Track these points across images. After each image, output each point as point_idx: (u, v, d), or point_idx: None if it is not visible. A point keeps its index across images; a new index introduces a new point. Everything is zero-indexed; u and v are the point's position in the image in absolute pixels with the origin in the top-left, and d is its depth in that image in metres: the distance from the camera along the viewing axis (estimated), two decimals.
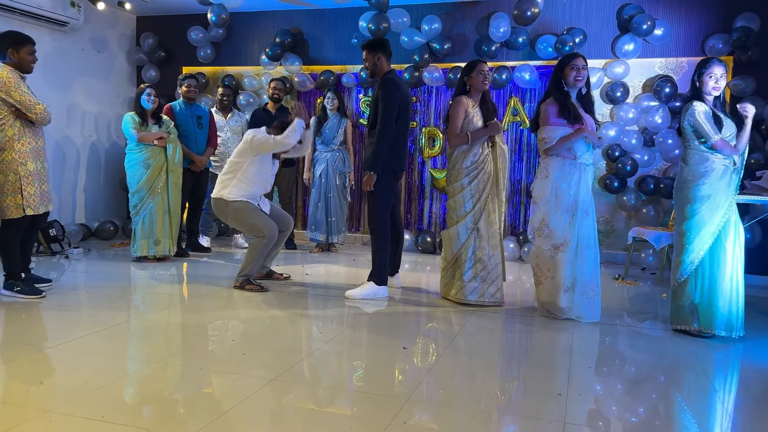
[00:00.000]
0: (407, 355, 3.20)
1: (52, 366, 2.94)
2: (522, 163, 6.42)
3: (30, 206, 3.97)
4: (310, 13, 6.92)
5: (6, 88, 3.83)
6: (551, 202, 3.85)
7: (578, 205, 3.83)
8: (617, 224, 6.19)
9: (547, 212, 3.87)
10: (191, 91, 5.96)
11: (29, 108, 3.87)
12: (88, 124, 7.01)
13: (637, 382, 2.95)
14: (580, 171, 3.85)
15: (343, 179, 6.19)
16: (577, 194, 3.83)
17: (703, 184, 3.58)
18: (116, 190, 7.34)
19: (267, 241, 4.46)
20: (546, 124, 3.87)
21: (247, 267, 4.49)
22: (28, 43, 4.01)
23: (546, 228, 3.87)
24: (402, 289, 4.69)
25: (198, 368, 2.92)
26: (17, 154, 3.90)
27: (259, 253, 4.48)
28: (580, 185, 3.84)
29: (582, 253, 3.85)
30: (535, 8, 5.77)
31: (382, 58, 4.36)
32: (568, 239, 3.83)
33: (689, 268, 3.64)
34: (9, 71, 3.89)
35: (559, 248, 3.84)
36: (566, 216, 3.84)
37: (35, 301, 3.97)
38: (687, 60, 5.89)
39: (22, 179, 3.92)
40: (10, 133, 3.89)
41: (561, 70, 3.88)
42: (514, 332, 3.73)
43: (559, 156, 3.85)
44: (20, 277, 4.06)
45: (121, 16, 7.29)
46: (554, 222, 3.84)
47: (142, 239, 5.42)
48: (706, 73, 3.60)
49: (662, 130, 5.77)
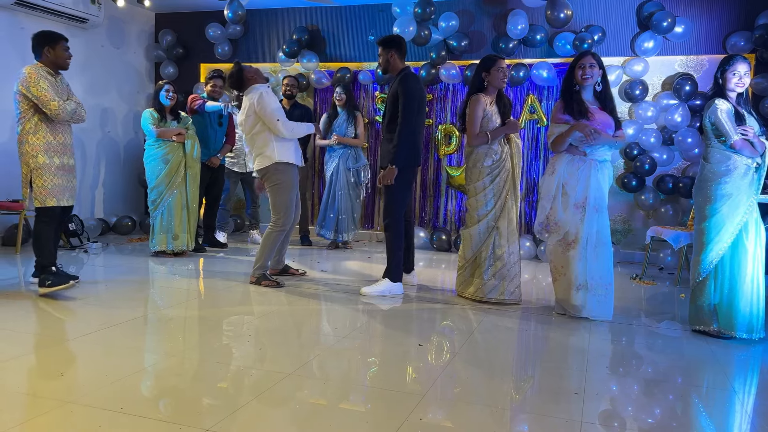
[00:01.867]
0: (422, 352, 3.20)
1: (72, 359, 2.98)
2: (539, 161, 6.38)
3: (38, 198, 4.04)
4: (327, 10, 6.93)
5: (27, 84, 3.92)
6: (558, 198, 3.84)
7: (588, 201, 3.80)
8: (635, 223, 6.13)
9: (552, 208, 3.86)
10: (215, 91, 6.00)
11: (44, 104, 3.94)
12: (106, 120, 7.09)
13: (655, 382, 2.92)
14: (590, 167, 3.80)
15: (356, 176, 6.15)
16: (587, 190, 3.79)
17: (724, 183, 3.54)
18: (134, 186, 7.41)
19: (280, 230, 4.48)
20: (552, 120, 3.90)
21: (261, 259, 4.51)
22: (62, 39, 4.11)
23: (551, 224, 3.87)
24: (417, 287, 4.69)
25: (215, 362, 2.94)
26: (30, 147, 4.00)
27: (272, 244, 4.49)
28: (590, 181, 3.79)
29: (593, 251, 3.82)
30: (568, 10, 5.71)
31: (395, 55, 4.35)
32: (579, 236, 3.80)
33: (708, 267, 3.59)
34: (34, 68, 3.97)
35: (570, 245, 3.82)
36: (576, 212, 3.81)
37: (57, 292, 4.00)
38: (708, 58, 5.81)
39: (32, 171, 4.01)
40: (27, 127, 3.99)
41: (572, 69, 3.88)
42: (530, 330, 3.72)
43: (568, 153, 3.82)
44: (51, 270, 4.05)
45: (140, 12, 7.35)
46: (561, 217, 3.83)
47: (160, 234, 5.47)
48: (730, 70, 3.55)
49: (682, 128, 5.71)
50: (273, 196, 4.51)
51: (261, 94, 4.39)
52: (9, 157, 5.86)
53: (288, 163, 4.45)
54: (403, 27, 6.04)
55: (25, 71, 3.95)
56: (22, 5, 5.75)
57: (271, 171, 4.43)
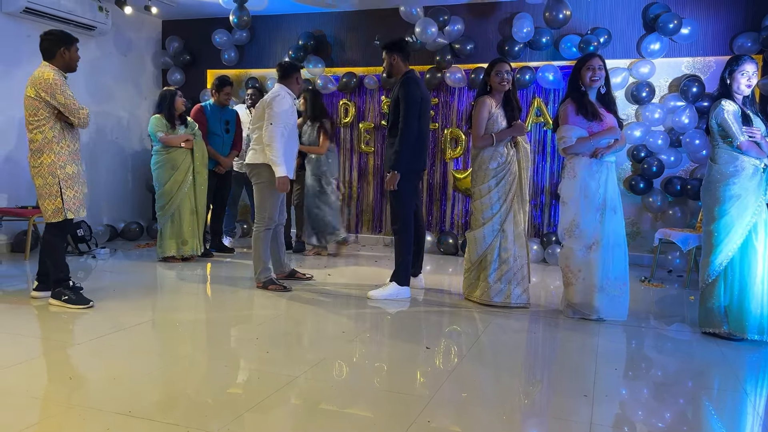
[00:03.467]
0: (430, 356, 3.18)
1: (81, 362, 2.99)
2: (546, 164, 6.36)
3: (70, 209, 3.86)
4: (332, 16, 6.96)
5: (52, 91, 3.72)
6: (581, 202, 3.82)
7: (606, 203, 3.81)
8: (643, 226, 6.10)
9: (577, 212, 3.84)
10: (227, 100, 6.03)
11: (73, 111, 3.78)
12: (114, 126, 7.12)
13: (665, 385, 2.90)
14: (607, 169, 3.84)
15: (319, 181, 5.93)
16: (605, 192, 3.81)
17: (732, 184, 3.52)
18: (141, 192, 7.44)
19: (265, 229, 4.50)
20: (564, 123, 3.87)
21: (260, 263, 4.52)
22: (76, 41, 3.94)
23: (576, 228, 3.84)
24: (425, 290, 4.67)
25: (222, 366, 2.94)
26: (56, 156, 3.80)
27: (263, 245, 4.50)
28: (608, 183, 3.83)
29: (611, 251, 3.82)
30: (567, 11, 5.70)
31: (398, 58, 4.35)
32: (600, 238, 3.80)
33: (718, 269, 3.57)
34: (55, 73, 3.78)
35: (591, 248, 3.81)
36: (596, 215, 3.81)
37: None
38: (715, 59, 5.79)
39: (61, 182, 3.81)
40: (50, 135, 3.77)
41: (578, 70, 3.89)
42: (539, 333, 3.70)
43: (584, 155, 3.82)
44: (68, 285, 3.90)
45: (148, 20, 7.40)
46: (585, 222, 3.81)
47: (169, 239, 5.48)
48: (738, 71, 3.54)
49: (689, 130, 5.68)
50: (259, 194, 4.52)
51: (281, 96, 4.44)
52: (15, 164, 5.90)
53: None
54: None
55: (47, 77, 3.72)
56: (30, 13, 5.79)
57: (261, 168, 4.45)
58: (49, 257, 3.92)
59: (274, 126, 4.36)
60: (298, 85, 4.61)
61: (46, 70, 3.77)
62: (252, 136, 4.60)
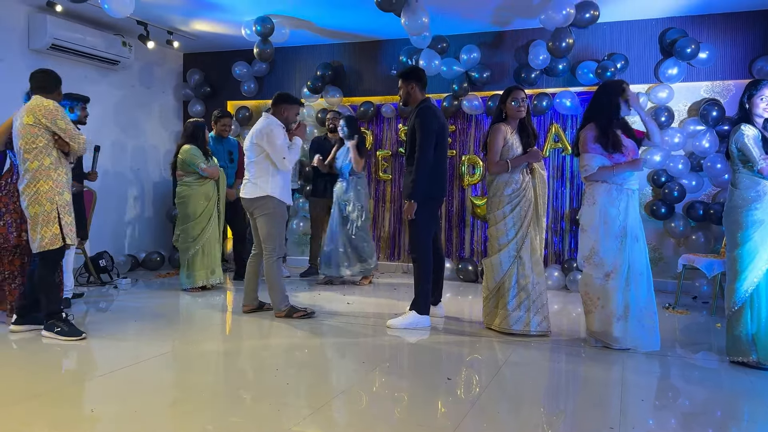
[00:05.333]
0: (451, 387, 3.14)
1: (102, 394, 3.00)
2: (566, 189, 6.33)
3: (68, 236, 3.91)
4: (350, 46, 7.06)
5: (52, 117, 3.83)
6: (600, 229, 3.77)
7: (627, 230, 3.76)
8: (665, 251, 6.01)
9: (596, 239, 3.79)
10: (225, 130, 6.21)
11: (73, 137, 3.90)
12: (136, 158, 7.25)
13: (693, 415, 2.82)
14: (627, 196, 3.79)
15: (344, 209, 5.93)
16: (626, 220, 3.76)
17: (755, 209, 3.46)
18: (163, 222, 7.53)
19: (276, 259, 4.54)
20: (585, 151, 3.83)
21: (278, 293, 4.55)
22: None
23: (596, 256, 3.79)
24: (444, 319, 4.63)
25: (242, 397, 2.93)
26: (54, 183, 3.88)
27: (276, 275, 4.54)
28: (629, 211, 3.77)
29: (634, 280, 3.75)
30: (570, 39, 5.68)
31: (415, 87, 4.39)
32: (618, 266, 3.75)
33: (744, 296, 3.49)
34: (53, 101, 3.92)
35: (610, 275, 3.75)
36: (615, 242, 3.76)
37: (85, 329, 4.03)
38: (734, 83, 5.76)
39: (59, 209, 3.88)
40: (47, 162, 3.85)
41: (612, 96, 3.82)
42: (561, 363, 3.64)
43: (605, 182, 3.79)
44: (61, 317, 3.91)
45: (169, 53, 7.57)
46: (604, 249, 3.76)
47: (200, 269, 5.54)
48: (758, 95, 3.51)
49: (710, 154, 5.63)
50: (265, 226, 4.54)
51: (272, 129, 4.47)
52: None
53: (278, 199, 4.51)
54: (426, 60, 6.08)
55: (47, 104, 3.84)
56: (57, 49, 5.96)
57: (263, 201, 4.51)
58: (44, 291, 3.93)
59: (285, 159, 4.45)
60: (283, 116, 4.57)
61: (44, 100, 3.90)
62: (249, 170, 4.60)
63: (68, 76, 6.20)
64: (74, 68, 6.33)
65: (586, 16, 5.45)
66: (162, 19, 6.35)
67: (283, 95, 4.67)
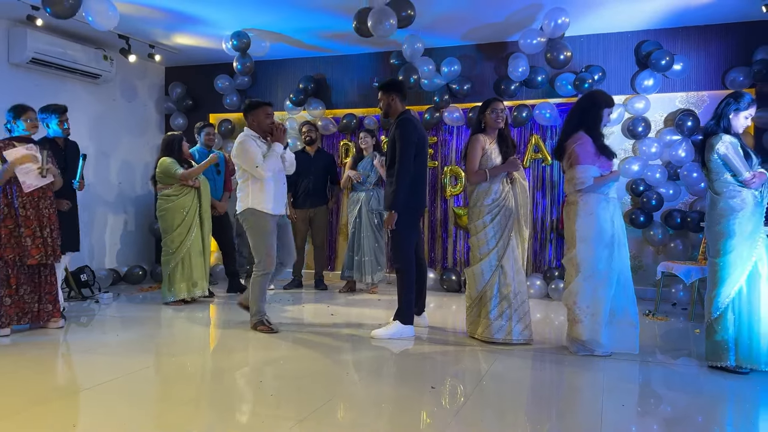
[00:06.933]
0: (435, 396, 3.16)
1: (85, 409, 2.97)
2: (546, 199, 6.41)
3: None
4: (332, 59, 7.11)
5: None
6: (594, 239, 3.81)
7: (615, 239, 3.83)
8: (645, 259, 6.11)
9: (590, 249, 3.81)
10: (210, 140, 6.25)
11: None
12: (117, 171, 7.21)
13: (674, 419, 2.87)
14: (614, 206, 3.88)
15: (379, 218, 6.14)
16: (613, 228, 3.84)
17: (737, 218, 3.52)
18: (145, 235, 7.48)
19: (263, 273, 4.47)
20: (578, 163, 3.82)
21: (255, 305, 4.54)
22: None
23: (591, 267, 3.81)
24: (428, 328, 4.66)
25: (227, 409, 2.92)
26: None
27: (260, 289, 4.51)
28: (615, 219, 3.86)
29: (621, 286, 3.84)
30: (568, 52, 5.77)
31: (396, 98, 4.44)
32: (609, 274, 3.81)
33: (724, 302, 3.55)
34: None
35: (601, 284, 3.81)
36: (606, 251, 3.82)
37: (67, 344, 4.00)
38: (708, 94, 5.89)
39: None
40: None
41: (599, 109, 3.87)
42: (544, 371, 3.67)
43: (595, 193, 3.84)
44: None
45: (151, 67, 7.56)
46: (596, 258, 3.81)
47: (180, 282, 5.50)
48: (745, 111, 3.59)
49: (687, 163, 5.74)
50: (251, 240, 4.54)
51: (242, 142, 4.45)
52: None
53: (259, 211, 4.44)
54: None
55: None
56: (38, 63, 5.93)
57: (245, 215, 4.49)
58: None
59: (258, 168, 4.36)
60: (254, 124, 4.50)
61: None
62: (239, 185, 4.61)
63: (49, 90, 6.20)
64: (55, 82, 6.30)
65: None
66: (144, 33, 6.35)
67: (244, 106, 4.62)
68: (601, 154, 3.84)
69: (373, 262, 6.16)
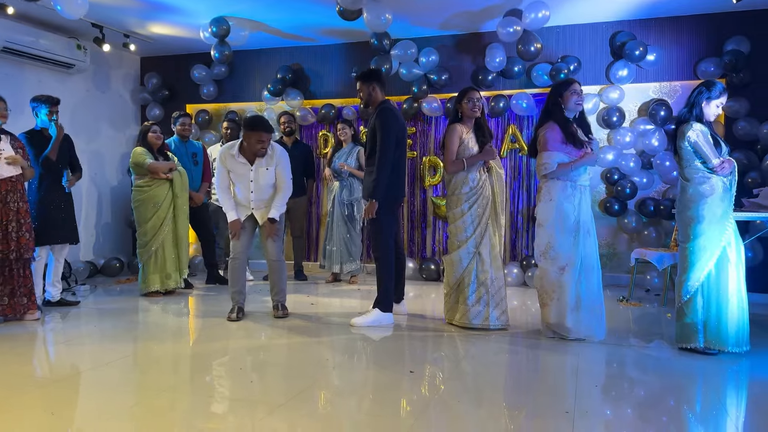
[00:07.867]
0: (414, 380, 3.21)
1: (63, 398, 2.96)
2: (522, 189, 6.48)
3: None
4: (310, 49, 7.09)
5: None
6: (556, 225, 3.90)
7: (580, 225, 3.90)
8: (619, 247, 6.22)
9: (552, 235, 3.91)
10: (186, 129, 6.16)
11: None
12: (93, 163, 7.12)
13: (645, 399, 2.95)
14: (581, 193, 3.93)
15: (349, 209, 6.15)
16: (579, 215, 3.90)
17: (707, 203, 3.61)
18: (121, 228, 7.41)
19: (231, 261, 4.64)
20: (546, 149, 3.92)
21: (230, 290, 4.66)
22: None
23: (552, 250, 3.91)
24: (407, 316, 4.71)
25: (207, 396, 2.94)
26: None
27: (230, 275, 4.66)
28: (581, 206, 3.92)
29: (586, 273, 3.90)
30: (538, 44, 5.87)
31: (376, 88, 4.45)
32: (572, 259, 3.88)
33: (694, 286, 3.65)
34: None
35: (564, 269, 3.88)
36: (569, 237, 3.89)
37: (44, 335, 3.97)
38: (680, 84, 6.00)
39: None
40: None
41: (560, 95, 3.97)
42: (519, 354, 3.74)
43: (560, 179, 3.91)
44: None
45: (126, 57, 7.47)
46: (559, 244, 3.89)
47: (152, 274, 5.46)
48: (716, 100, 3.66)
49: (660, 152, 5.85)
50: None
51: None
52: None
53: None
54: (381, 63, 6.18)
55: None
56: (9, 52, 5.83)
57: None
58: None
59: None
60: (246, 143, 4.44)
61: None
62: None
63: (21, 80, 6.10)
64: (28, 72, 6.20)
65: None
66: (118, 22, 6.27)
67: (245, 120, 4.52)
68: (569, 142, 3.91)
69: (342, 252, 6.15)
